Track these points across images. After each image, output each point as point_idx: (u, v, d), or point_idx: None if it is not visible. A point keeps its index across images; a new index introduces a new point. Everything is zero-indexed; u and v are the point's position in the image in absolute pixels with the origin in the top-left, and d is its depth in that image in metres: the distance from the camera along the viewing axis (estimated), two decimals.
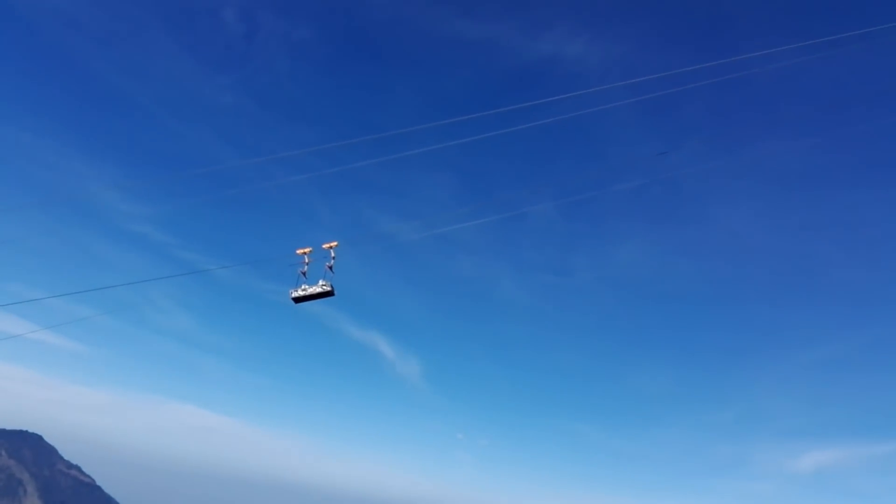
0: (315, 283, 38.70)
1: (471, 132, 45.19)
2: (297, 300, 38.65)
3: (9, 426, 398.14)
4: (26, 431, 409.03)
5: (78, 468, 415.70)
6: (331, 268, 38.81)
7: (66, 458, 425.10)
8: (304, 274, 38.88)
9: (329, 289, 38.31)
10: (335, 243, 39.06)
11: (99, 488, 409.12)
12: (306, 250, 39.10)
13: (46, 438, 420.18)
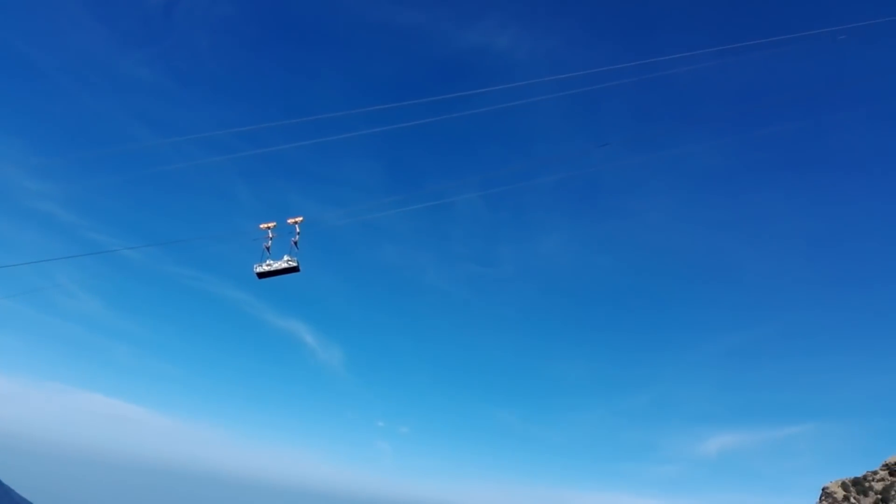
0: (280, 258, 37.85)
1: (399, 119, 45.28)
2: (261, 275, 37.65)
3: None
4: None
5: None
6: (296, 243, 38.00)
7: None
8: (268, 249, 37.88)
9: (295, 264, 37.51)
10: (300, 218, 38.20)
11: None
12: (270, 225, 38.06)
13: None
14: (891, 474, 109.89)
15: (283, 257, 37.92)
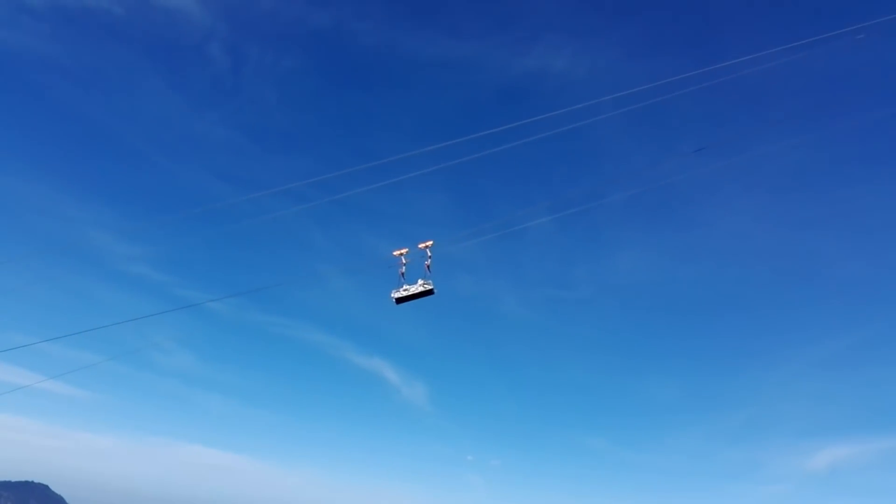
0: (414, 282, 38.79)
1: (465, 151, 45.88)
2: (399, 301, 38.67)
3: (14, 477, 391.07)
4: (32, 482, 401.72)
5: None
6: (429, 267, 38.91)
7: None
8: (402, 275, 38.94)
9: (430, 287, 38.38)
10: (430, 242, 39.26)
11: None
12: (403, 251, 39.23)
13: (53, 487, 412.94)
14: None
15: (417, 281, 38.81)
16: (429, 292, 38.64)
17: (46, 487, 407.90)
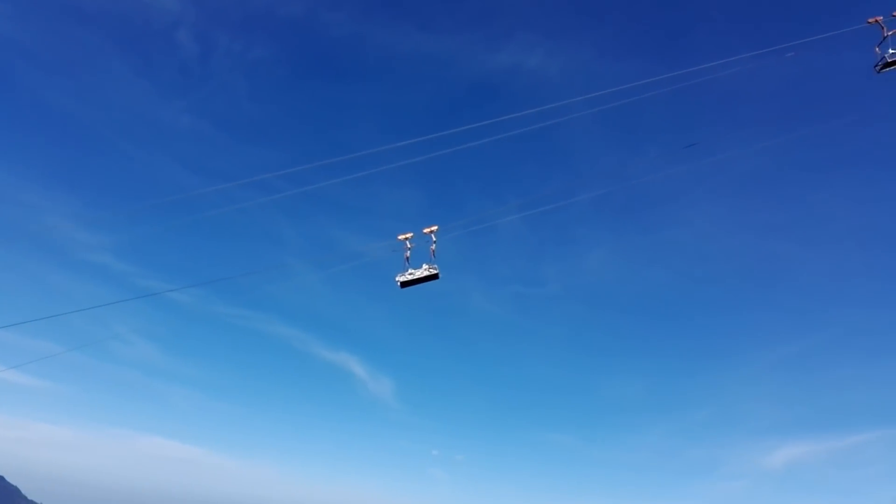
0: (419, 267, 38.65)
1: (435, 147, 45.94)
2: (404, 284, 38.39)
3: None
4: None
5: None
6: (433, 252, 38.81)
7: (29, 497, 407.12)
8: (407, 259, 38.73)
9: (436, 272, 38.24)
10: (435, 227, 38.97)
11: None
12: (408, 235, 38.91)
13: (8, 479, 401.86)
14: None
15: (422, 266, 38.68)
16: (434, 276, 38.45)
17: (2, 478, 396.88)
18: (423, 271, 38.28)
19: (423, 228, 39.26)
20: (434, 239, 38.87)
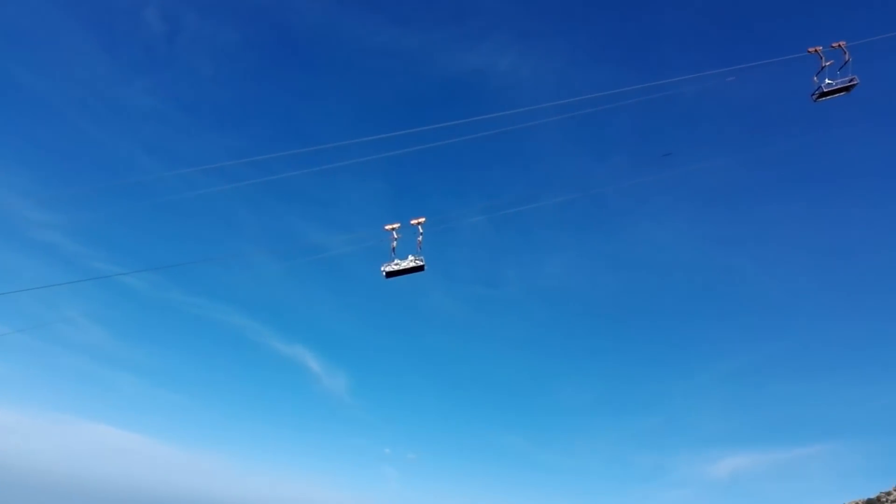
0: (405, 258, 38.87)
1: (403, 143, 46.25)
2: (390, 274, 38.63)
3: None
4: None
5: None
6: (419, 243, 39.09)
7: None
8: (393, 250, 38.94)
9: (422, 263, 38.55)
10: (423, 219, 39.38)
11: None
12: (395, 226, 39.18)
13: None
14: None
15: (407, 257, 38.92)
16: (420, 268, 38.82)
17: None
18: (410, 262, 38.62)
19: (411, 220, 39.62)
20: (421, 230, 39.26)
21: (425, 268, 38.96)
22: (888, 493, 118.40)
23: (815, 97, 42.53)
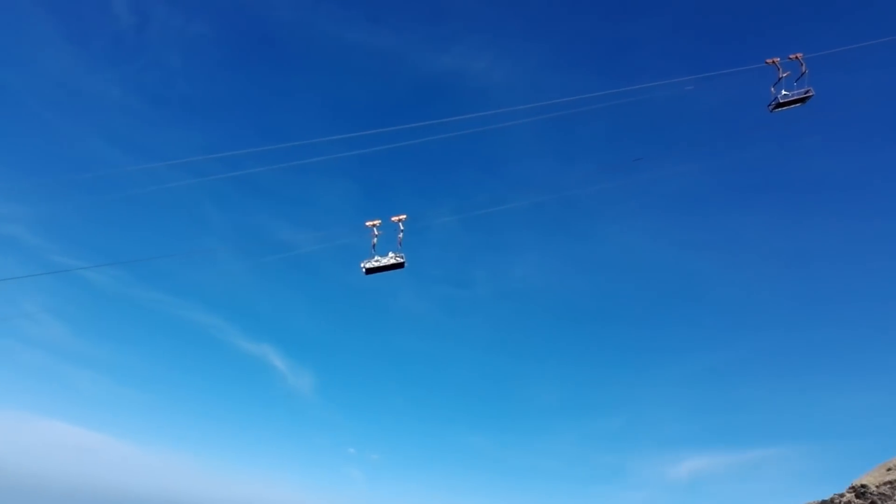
0: (385, 254, 38.59)
1: (375, 141, 45.95)
2: (370, 271, 38.29)
3: None
4: None
5: None
6: (400, 240, 38.86)
7: None
8: (374, 246, 38.62)
9: (402, 260, 38.30)
10: (404, 216, 39.12)
11: None
12: (375, 222, 38.84)
13: None
14: (857, 496, 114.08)
15: (388, 254, 38.66)
16: (400, 265, 38.58)
17: None
18: (390, 259, 38.37)
19: (392, 217, 39.34)
20: (402, 227, 39.03)
21: (405, 264, 38.75)
22: (841, 496, 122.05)
23: (771, 108, 43.05)
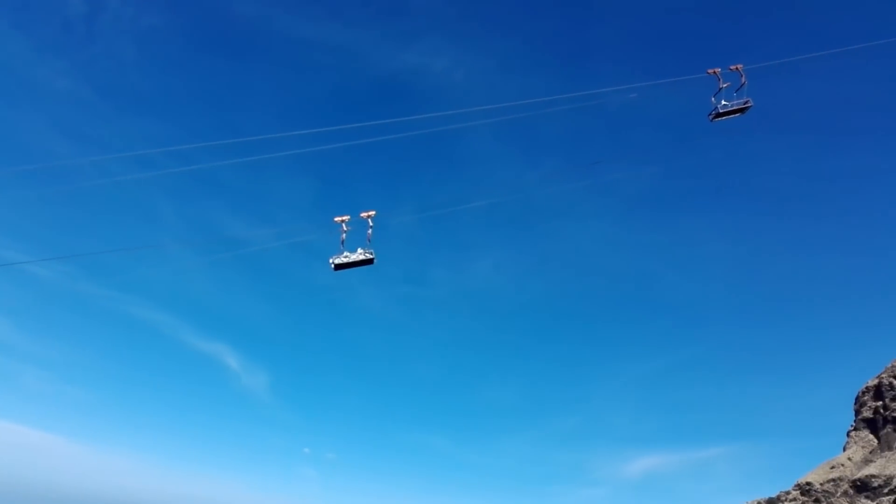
0: (354, 250, 38.39)
1: (334, 139, 45.71)
2: (338, 267, 37.89)
3: None
4: None
5: None
6: (369, 236, 38.70)
7: None
8: (342, 242, 38.35)
9: (371, 257, 38.09)
10: (373, 212, 38.82)
11: None
12: (344, 218, 38.42)
13: None
14: (802, 494, 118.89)
15: (357, 250, 38.50)
16: (369, 261, 38.39)
17: None
18: (359, 255, 38.15)
19: (361, 212, 39.13)
20: (371, 224, 38.83)
21: (375, 261, 38.64)
22: (787, 493, 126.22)
23: (711, 117, 43.87)
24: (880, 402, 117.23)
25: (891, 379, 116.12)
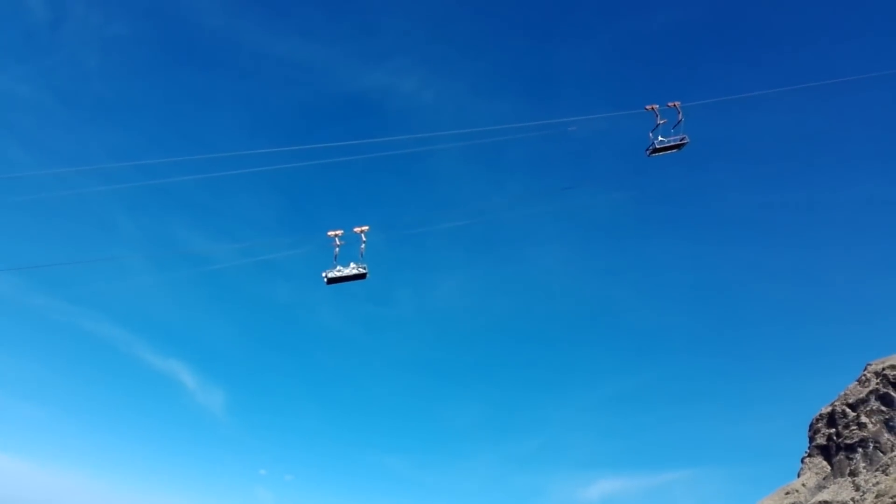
0: (347, 265, 38.37)
1: (299, 156, 45.51)
2: (331, 281, 37.73)
3: None
4: None
5: None
6: (362, 251, 38.78)
7: None
8: (335, 256, 38.31)
9: (364, 271, 38.11)
10: (366, 227, 39.03)
11: None
12: (338, 232, 38.45)
13: None
14: None
15: (349, 264, 38.52)
16: (362, 276, 38.42)
17: None
18: (352, 269, 38.19)
19: (354, 227, 39.26)
20: (364, 239, 38.99)
21: (367, 275, 38.68)
22: None
23: (648, 152, 44.32)
24: (833, 430, 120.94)
25: (844, 406, 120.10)
